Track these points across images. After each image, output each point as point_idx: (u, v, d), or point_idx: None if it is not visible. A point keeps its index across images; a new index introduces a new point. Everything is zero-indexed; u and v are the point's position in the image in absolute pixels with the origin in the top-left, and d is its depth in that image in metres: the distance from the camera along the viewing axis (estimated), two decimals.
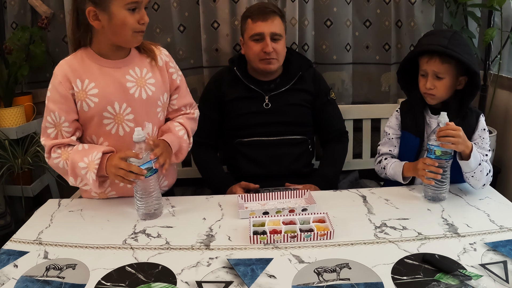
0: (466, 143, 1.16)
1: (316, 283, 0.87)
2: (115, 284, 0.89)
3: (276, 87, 1.60)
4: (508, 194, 1.28)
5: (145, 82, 1.26)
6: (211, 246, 1.02)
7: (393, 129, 1.40)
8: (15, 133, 1.84)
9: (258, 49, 1.53)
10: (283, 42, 1.56)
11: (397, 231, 1.06)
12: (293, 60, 1.64)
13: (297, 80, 1.59)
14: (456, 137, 1.14)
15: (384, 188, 1.32)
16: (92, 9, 1.13)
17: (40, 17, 1.88)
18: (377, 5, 1.94)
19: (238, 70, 1.59)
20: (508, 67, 1.92)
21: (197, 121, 1.45)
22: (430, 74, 1.25)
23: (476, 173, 1.20)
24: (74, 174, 1.21)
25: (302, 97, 1.61)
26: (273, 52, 1.52)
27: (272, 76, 1.61)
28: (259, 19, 1.52)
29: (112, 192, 1.31)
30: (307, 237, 1.02)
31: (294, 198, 1.26)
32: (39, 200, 1.94)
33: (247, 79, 1.59)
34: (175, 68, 1.36)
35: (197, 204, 1.26)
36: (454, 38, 1.22)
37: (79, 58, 1.21)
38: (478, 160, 1.19)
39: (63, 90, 1.19)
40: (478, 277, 0.87)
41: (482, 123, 1.29)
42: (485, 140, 1.28)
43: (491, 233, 1.04)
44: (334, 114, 1.69)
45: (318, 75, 1.69)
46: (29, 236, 1.09)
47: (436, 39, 1.24)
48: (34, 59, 1.88)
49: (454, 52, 1.20)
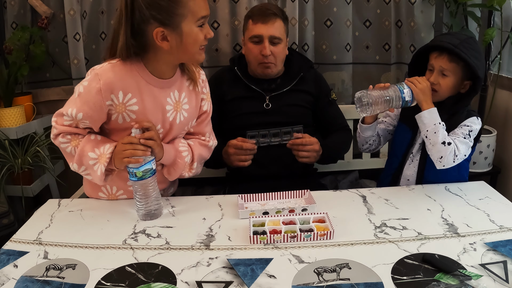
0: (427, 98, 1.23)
1: (316, 283, 0.87)
2: (115, 284, 0.89)
3: (276, 87, 1.59)
4: (508, 194, 1.27)
5: (181, 107, 1.24)
6: (211, 246, 1.02)
7: (390, 117, 1.45)
8: (15, 133, 1.84)
9: (256, 52, 1.51)
10: (283, 45, 1.54)
11: (397, 231, 1.06)
12: (294, 60, 1.63)
13: (298, 81, 1.58)
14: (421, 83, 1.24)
15: (384, 188, 1.32)
16: (160, 29, 1.08)
17: (40, 17, 1.88)
18: (377, 5, 1.94)
19: (238, 69, 1.57)
20: (508, 67, 1.92)
21: (211, 150, 1.39)
22: (437, 69, 1.27)
23: (429, 133, 1.22)
24: (80, 162, 1.19)
25: (303, 98, 1.60)
26: (271, 56, 1.50)
27: (273, 76, 1.60)
28: (259, 20, 1.50)
29: (120, 191, 1.29)
30: (307, 237, 1.02)
31: (294, 198, 1.26)
32: (39, 200, 1.94)
33: (247, 78, 1.58)
34: (207, 95, 1.34)
35: (197, 204, 1.26)
36: (467, 42, 1.23)
37: (128, 68, 1.14)
38: (435, 120, 1.22)
39: (100, 100, 1.12)
40: (478, 277, 0.87)
41: (469, 120, 1.27)
42: (461, 130, 1.26)
43: (491, 233, 1.04)
44: (336, 113, 1.68)
45: (319, 76, 1.68)
46: (29, 236, 1.09)
47: (449, 38, 1.25)
48: (34, 59, 1.88)
49: (462, 53, 1.21)
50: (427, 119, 1.22)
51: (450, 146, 1.21)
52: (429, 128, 1.22)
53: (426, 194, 1.26)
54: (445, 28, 1.91)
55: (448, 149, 1.21)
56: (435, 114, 1.23)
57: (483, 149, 1.84)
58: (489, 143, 1.85)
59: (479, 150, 1.84)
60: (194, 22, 1.10)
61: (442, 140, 1.20)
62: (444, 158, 1.21)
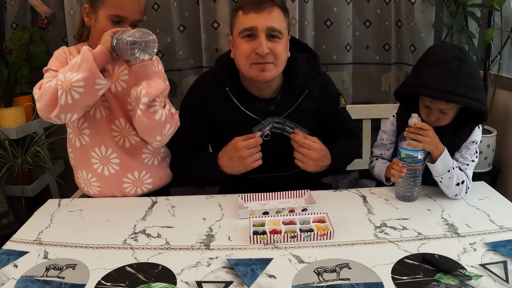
0: (436, 144, 1.16)
1: (316, 283, 0.87)
2: (115, 284, 0.89)
3: (277, 108, 1.32)
4: (508, 194, 1.27)
5: (118, 78, 1.27)
6: (211, 246, 1.02)
7: (387, 134, 1.39)
8: (15, 133, 1.84)
9: (248, 50, 1.19)
10: (284, 42, 1.22)
11: (397, 231, 1.06)
12: (298, 70, 1.31)
13: (303, 98, 1.32)
14: (425, 136, 1.14)
15: (384, 188, 1.32)
16: (86, 6, 1.21)
17: (40, 17, 1.88)
18: (377, 5, 1.94)
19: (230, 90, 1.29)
20: (508, 67, 1.92)
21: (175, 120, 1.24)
22: (435, 110, 1.19)
23: (444, 179, 1.19)
24: (64, 71, 1.10)
25: (308, 119, 1.36)
26: (269, 54, 1.19)
27: (271, 90, 1.32)
28: (252, 9, 1.18)
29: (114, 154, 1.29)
30: (307, 237, 1.02)
31: (294, 198, 1.26)
32: (39, 200, 1.94)
33: (241, 98, 1.30)
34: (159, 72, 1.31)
35: (197, 204, 1.26)
36: (461, 74, 1.11)
37: (77, 49, 1.27)
38: (448, 166, 1.17)
39: (61, 56, 1.24)
40: (478, 277, 0.87)
41: (474, 134, 1.23)
42: (469, 151, 1.23)
43: (491, 233, 1.04)
44: (344, 121, 1.48)
45: (327, 83, 1.41)
46: (29, 236, 1.09)
47: (441, 79, 1.12)
48: (34, 59, 1.88)
49: (462, 98, 1.12)
50: (440, 167, 1.17)
51: (463, 184, 1.20)
52: (444, 175, 1.18)
53: (426, 194, 1.26)
54: (445, 28, 1.91)
55: (463, 188, 1.20)
56: (447, 158, 1.17)
57: (483, 149, 1.84)
58: (489, 143, 1.85)
59: (479, 150, 1.84)
60: (107, 15, 1.17)
61: (457, 182, 1.19)
62: (459, 195, 1.22)
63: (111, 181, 1.31)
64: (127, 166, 1.31)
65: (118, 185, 1.32)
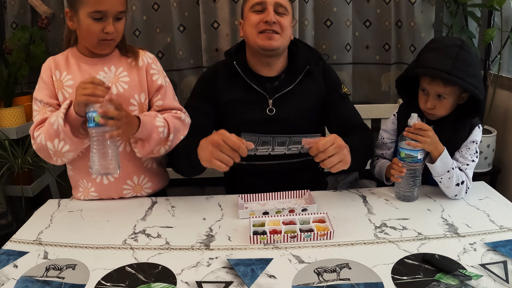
0: (435, 145, 1.16)
1: (316, 283, 0.87)
2: (115, 284, 0.89)
3: (280, 85, 1.39)
4: (508, 194, 1.28)
5: (118, 79, 1.26)
6: (211, 246, 1.02)
7: (388, 133, 1.39)
8: (15, 133, 1.84)
9: (257, 19, 1.32)
10: (289, 18, 1.35)
11: (397, 231, 1.06)
12: (300, 53, 1.42)
13: (305, 76, 1.38)
14: (424, 136, 1.14)
15: (384, 188, 1.32)
16: (67, 10, 1.20)
17: (40, 17, 1.88)
18: (377, 5, 1.94)
19: (237, 64, 1.37)
20: (508, 67, 1.92)
21: (185, 125, 1.31)
22: (432, 94, 1.19)
23: (444, 179, 1.19)
24: (50, 136, 1.16)
25: (311, 100, 1.41)
26: (276, 24, 1.31)
27: (276, 69, 1.40)
28: None
29: (92, 189, 1.29)
30: (307, 237, 1.02)
31: (294, 198, 1.26)
32: (39, 200, 1.94)
33: (247, 74, 1.38)
34: (159, 70, 1.31)
35: (197, 204, 1.26)
36: (459, 58, 1.13)
37: (65, 55, 1.28)
38: (448, 166, 1.17)
39: (46, 77, 1.25)
40: (478, 277, 0.87)
41: (474, 134, 1.23)
42: (469, 151, 1.23)
43: (491, 233, 1.04)
44: (350, 109, 1.46)
45: (328, 68, 1.47)
46: (29, 236, 1.09)
47: (439, 60, 1.15)
48: (34, 59, 1.87)
49: (459, 80, 1.13)
50: (439, 167, 1.17)
51: (463, 185, 1.20)
52: (443, 176, 1.18)
53: (426, 194, 1.26)
54: (445, 28, 1.91)
55: (462, 188, 1.21)
56: (446, 158, 1.17)
57: (483, 149, 1.84)
58: (489, 143, 1.85)
59: (479, 150, 1.84)
60: (87, 13, 1.15)
61: (456, 182, 1.19)
62: (458, 195, 1.22)
63: (111, 190, 1.30)
64: (127, 172, 1.29)
65: (118, 193, 1.31)
